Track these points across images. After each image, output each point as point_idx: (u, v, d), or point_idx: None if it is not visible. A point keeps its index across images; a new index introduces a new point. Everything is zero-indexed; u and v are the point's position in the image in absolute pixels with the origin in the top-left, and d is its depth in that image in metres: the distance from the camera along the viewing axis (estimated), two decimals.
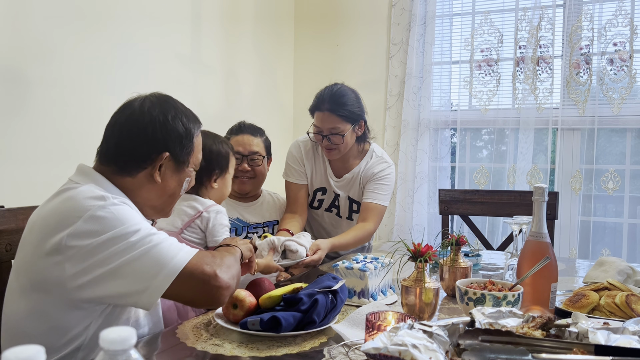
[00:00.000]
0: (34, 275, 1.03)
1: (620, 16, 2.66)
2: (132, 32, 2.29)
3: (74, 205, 1.03)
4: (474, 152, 3.13)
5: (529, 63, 2.84)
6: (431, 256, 1.25)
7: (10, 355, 0.46)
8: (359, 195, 2.08)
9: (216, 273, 1.06)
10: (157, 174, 1.17)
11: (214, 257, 1.11)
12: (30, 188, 1.89)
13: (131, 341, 0.54)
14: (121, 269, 1.00)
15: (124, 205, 1.07)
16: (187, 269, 1.03)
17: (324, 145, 1.99)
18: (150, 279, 1.01)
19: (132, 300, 1.03)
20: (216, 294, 1.06)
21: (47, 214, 1.06)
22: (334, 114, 1.92)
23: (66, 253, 0.99)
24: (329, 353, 1.05)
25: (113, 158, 1.16)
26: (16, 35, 1.84)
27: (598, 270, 1.58)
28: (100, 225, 1.01)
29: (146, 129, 1.15)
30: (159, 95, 1.22)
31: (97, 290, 1.01)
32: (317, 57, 3.48)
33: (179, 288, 1.03)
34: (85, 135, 2.09)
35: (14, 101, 1.85)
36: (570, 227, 2.83)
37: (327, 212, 2.14)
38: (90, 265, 0.99)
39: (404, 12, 3.14)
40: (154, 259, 1.02)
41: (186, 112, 1.23)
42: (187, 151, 1.21)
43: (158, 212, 1.25)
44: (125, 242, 1.01)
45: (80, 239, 0.99)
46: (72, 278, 1.00)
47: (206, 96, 2.76)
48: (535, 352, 0.83)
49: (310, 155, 2.11)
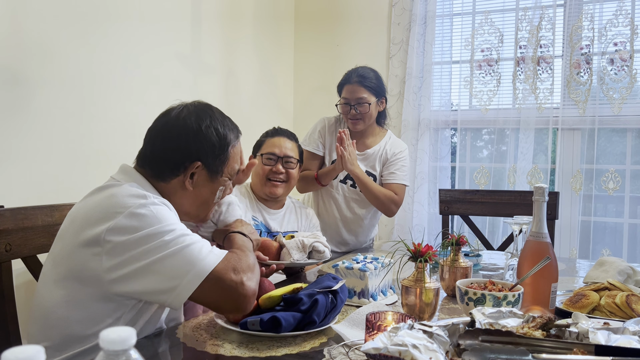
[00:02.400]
0: (72, 264, 1.06)
1: (621, 16, 2.66)
2: (132, 32, 2.29)
3: (116, 202, 1.06)
4: (474, 152, 3.13)
5: (529, 63, 2.84)
6: (431, 256, 1.25)
7: (10, 355, 0.46)
8: (378, 169, 2.30)
9: (243, 281, 1.08)
10: (188, 182, 1.19)
11: (240, 259, 1.12)
12: (30, 188, 1.89)
13: (131, 341, 0.54)
14: (153, 266, 1.02)
15: (163, 206, 1.10)
16: (215, 273, 1.05)
17: (350, 116, 2.23)
18: (179, 278, 1.03)
19: (162, 298, 1.05)
20: (242, 302, 1.08)
21: (89, 208, 1.08)
22: (361, 85, 2.20)
23: (105, 246, 1.02)
24: (329, 353, 1.05)
25: (148, 162, 1.19)
26: (16, 35, 1.84)
27: (598, 271, 1.58)
28: (139, 222, 1.04)
29: (179, 138, 1.17)
30: (198, 104, 1.24)
31: (130, 285, 1.03)
32: (317, 57, 3.48)
33: (207, 291, 1.05)
34: (85, 135, 2.10)
35: (14, 101, 1.85)
36: (571, 227, 2.83)
37: (342, 183, 2.30)
38: (125, 260, 1.02)
39: (404, 11, 3.14)
40: (185, 258, 1.04)
41: (223, 121, 1.24)
42: (221, 161, 1.22)
43: (192, 218, 1.28)
44: (160, 240, 1.03)
45: (119, 234, 1.02)
46: (108, 271, 1.03)
47: (206, 96, 2.75)
48: (536, 353, 0.83)
49: (332, 129, 2.33)
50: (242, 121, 3.17)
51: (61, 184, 1.98)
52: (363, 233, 2.37)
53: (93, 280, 1.04)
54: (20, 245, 1.39)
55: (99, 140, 2.15)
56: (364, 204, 2.31)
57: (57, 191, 1.95)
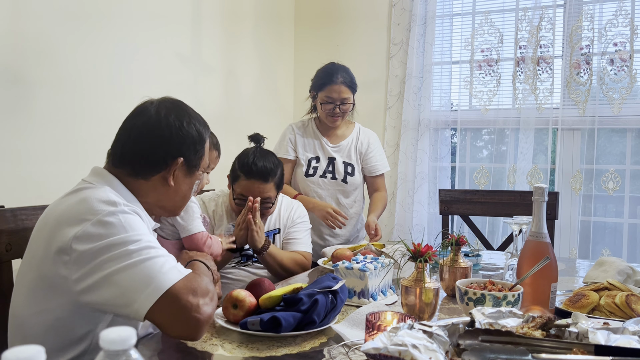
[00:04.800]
0: (43, 271, 1.04)
1: (621, 16, 2.66)
2: (132, 32, 2.29)
3: (86, 207, 1.04)
4: (474, 152, 3.13)
5: (529, 63, 2.84)
6: (431, 256, 1.25)
7: (10, 355, 0.46)
8: (355, 159, 2.39)
9: (199, 304, 1.01)
10: (170, 178, 1.19)
11: (201, 282, 1.06)
12: (30, 188, 1.89)
13: (131, 341, 0.54)
14: (115, 276, 0.99)
15: (133, 215, 1.07)
16: (173, 290, 1.00)
17: (332, 114, 2.29)
18: (139, 292, 0.99)
19: (123, 311, 1.01)
20: (195, 325, 1.01)
21: (60, 212, 1.06)
22: (345, 86, 2.26)
23: (72, 255, 1.00)
24: (329, 353, 1.06)
25: (128, 161, 1.17)
26: (16, 35, 1.84)
27: (598, 270, 1.58)
28: (105, 230, 1.01)
29: (163, 135, 1.17)
30: (173, 101, 1.24)
31: (94, 295, 1.00)
32: (317, 57, 3.46)
33: (162, 309, 0.99)
34: (86, 135, 2.10)
35: (14, 101, 1.85)
36: (571, 227, 2.83)
37: (322, 178, 2.37)
38: (89, 270, 0.99)
39: (404, 12, 3.14)
40: (145, 271, 1.00)
41: (198, 117, 1.25)
42: (199, 156, 1.23)
43: (168, 212, 1.27)
44: (124, 249, 1.00)
45: (84, 242, 1.00)
46: (76, 282, 1.00)
47: (206, 96, 2.76)
48: (535, 352, 0.83)
49: (300, 132, 2.41)
50: (242, 121, 3.20)
51: (61, 184, 1.97)
52: (351, 222, 2.39)
53: (63, 288, 1.01)
54: (21, 245, 1.39)
55: (99, 140, 2.14)
56: (347, 194, 2.38)
57: (57, 191, 1.94)
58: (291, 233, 1.97)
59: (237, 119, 2.99)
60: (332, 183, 2.35)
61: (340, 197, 2.37)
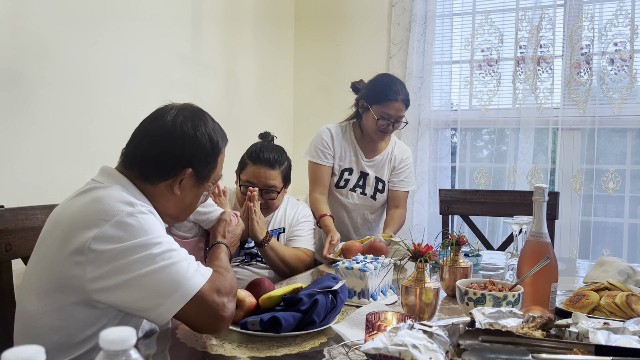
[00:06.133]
0: (55, 272, 1.03)
1: (621, 16, 2.66)
2: (133, 32, 2.29)
3: (102, 208, 1.02)
4: (475, 152, 3.13)
5: (529, 63, 2.84)
6: (431, 256, 1.25)
7: (10, 355, 0.46)
8: (386, 175, 2.32)
9: (224, 303, 1.06)
10: (176, 187, 1.18)
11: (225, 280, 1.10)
12: (30, 188, 1.89)
13: (131, 341, 0.54)
14: (138, 280, 0.99)
15: (150, 215, 1.07)
16: (200, 294, 1.03)
17: (384, 130, 2.19)
18: (164, 297, 1.00)
19: (145, 314, 1.02)
20: (220, 323, 1.06)
21: (74, 212, 1.05)
22: (404, 103, 2.18)
23: (89, 255, 0.99)
24: (329, 353, 1.05)
25: (138, 164, 1.16)
26: (16, 35, 1.84)
27: (598, 270, 1.58)
28: (126, 232, 1.00)
29: (175, 144, 1.15)
30: (193, 109, 1.22)
31: (113, 297, 1.00)
32: (317, 57, 3.48)
33: (189, 311, 1.03)
34: (86, 135, 2.10)
35: (14, 101, 1.85)
36: (571, 227, 2.83)
37: (352, 191, 2.30)
38: (109, 271, 0.99)
39: (404, 11, 3.14)
40: (171, 277, 1.01)
41: (215, 128, 1.23)
42: (210, 167, 1.22)
43: (174, 219, 1.28)
44: (147, 252, 1.00)
45: (104, 243, 0.99)
46: (91, 281, 1.00)
47: (206, 96, 2.76)
48: (536, 353, 0.83)
49: (339, 138, 2.29)
50: (242, 121, 3.20)
51: (61, 184, 1.98)
52: (370, 233, 2.38)
53: (76, 288, 1.01)
54: (20, 245, 1.39)
55: (99, 140, 2.15)
56: (374, 209, 2.33)
57: (57, 191, 1.94)
58: (295, 231, 2.00)
59: (237, 119, 2.99)
60: (360, 198, 2.30)
61: (367, 213, 2.33)
